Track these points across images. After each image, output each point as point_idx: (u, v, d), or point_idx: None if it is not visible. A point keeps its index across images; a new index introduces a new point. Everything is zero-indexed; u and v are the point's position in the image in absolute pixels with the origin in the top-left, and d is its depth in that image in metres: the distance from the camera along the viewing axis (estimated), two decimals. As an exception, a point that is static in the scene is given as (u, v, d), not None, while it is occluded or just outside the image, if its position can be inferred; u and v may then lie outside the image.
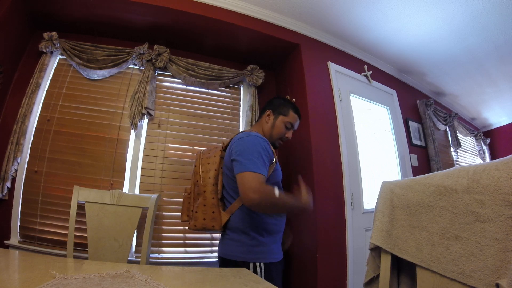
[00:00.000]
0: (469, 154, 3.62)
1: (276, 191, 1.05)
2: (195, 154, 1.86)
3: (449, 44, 2.23)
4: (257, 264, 1.11)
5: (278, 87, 2.35)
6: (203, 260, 1.76)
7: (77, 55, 1.82)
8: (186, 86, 2.08)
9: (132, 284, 0.62)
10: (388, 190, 0.79)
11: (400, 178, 2.21)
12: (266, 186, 1.04)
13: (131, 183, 1.76)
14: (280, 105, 1.38)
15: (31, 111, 1.67)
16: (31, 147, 1.69)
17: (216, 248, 1.68)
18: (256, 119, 2.02)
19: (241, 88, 2.26)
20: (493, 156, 3.98)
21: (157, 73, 2.01)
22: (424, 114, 2.81)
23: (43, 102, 1.77)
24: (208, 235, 1.82)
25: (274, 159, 1.19)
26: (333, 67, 2.10)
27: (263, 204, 1.03)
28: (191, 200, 1.32)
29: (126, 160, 1.79)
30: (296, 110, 1.38)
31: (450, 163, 3.11)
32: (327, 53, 2.17)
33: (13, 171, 1.59)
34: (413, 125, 2.66)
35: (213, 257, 1.78)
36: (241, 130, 2.12)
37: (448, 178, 0.62)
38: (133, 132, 1.84)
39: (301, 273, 1.69)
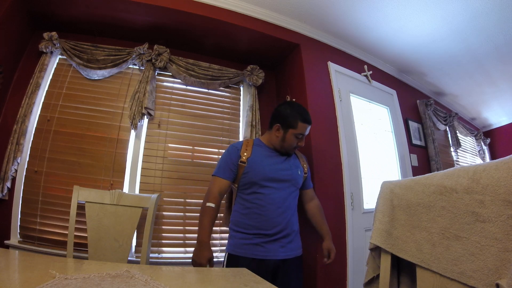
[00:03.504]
0: (469, 154, 3.62)
1: (209, 210, 1.21)
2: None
3: (449, 44, 2.23)
4: (226, 253, 1.28)
5: (278, 87, 2.35)
6: (203, 260, 1.76)
7: (77, 55, 1.82)
8: (186, 86, 2.08)
9: (132, 284, 0.62)
10: (388, 190, 0.79)
11: (400, 178, 2.21)
12: (212, 198, 1.23)
13: (131, 183, 1.76)
14: (288, 117, 1.33)
15: (31, 111, 1.67)
16: (31, 147, 1.68)
17: (216, 248, 1.82)
18: (257, 121, 2.04)
19: (241, 88, 2.25)
20: (493, 156, 3.97)
21: (157, 73, 2.01)
22: (424, 114, 2.81)
23: (43, 102, 1.77)
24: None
25: (239, 161, 1.31)
26: (333, 67, 2.10)
27: (200, 209, 1.25)
28: None
29: (126, 160, 1.79)
30: (304, 119, 1.34)
31: (450, 163, 3.10)
32: (327, 53, 2.17)
33: (13, 171, 1.59)
34: (413, 125, 2.66)
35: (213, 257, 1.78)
36: (241, 130, 2.12)
37: (448, 178, 0.62)
38: (133, 132, 1.84)
39: (301, 273, 1.68)
